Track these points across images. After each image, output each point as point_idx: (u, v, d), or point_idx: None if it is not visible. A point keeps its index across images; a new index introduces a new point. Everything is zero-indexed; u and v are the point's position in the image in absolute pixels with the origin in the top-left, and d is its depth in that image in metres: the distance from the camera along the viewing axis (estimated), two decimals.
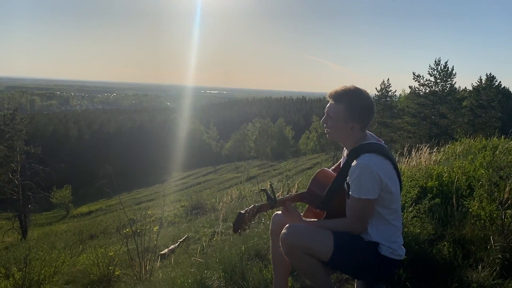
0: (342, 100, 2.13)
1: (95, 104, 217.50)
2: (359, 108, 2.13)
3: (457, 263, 2.71)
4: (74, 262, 6.81)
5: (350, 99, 2.12)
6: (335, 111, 2.14)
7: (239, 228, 2.17)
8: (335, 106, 2.14)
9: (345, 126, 2.14)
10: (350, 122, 2.13)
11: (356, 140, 2.17)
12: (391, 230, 2.14)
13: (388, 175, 2.08)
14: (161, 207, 16.52)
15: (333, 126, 2.17)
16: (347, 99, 2.12)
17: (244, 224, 2.18)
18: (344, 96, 2.13)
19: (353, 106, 2.11)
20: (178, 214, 13.06)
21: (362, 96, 2.14)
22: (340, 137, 2.22)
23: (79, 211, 39.39)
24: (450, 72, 37.18)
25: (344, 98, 2.12)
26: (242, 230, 2.19)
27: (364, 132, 2.19)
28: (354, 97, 2.13)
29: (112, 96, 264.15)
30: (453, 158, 6.22)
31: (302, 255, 2.06)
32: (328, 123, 2.18)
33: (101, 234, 14.28)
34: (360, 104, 2.13)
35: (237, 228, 2.16)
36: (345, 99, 2.12)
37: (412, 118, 38.30)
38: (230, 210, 9.51)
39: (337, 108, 2.13)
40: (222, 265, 3.05)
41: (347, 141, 2.21)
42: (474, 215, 3.03)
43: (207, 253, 4.86)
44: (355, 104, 2.12)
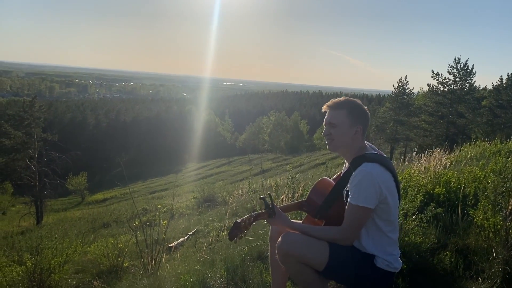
0: (342, 107, 2.19)
1: (112, 93, 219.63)
2: (358, 111, 2.20)
3: (458, 273, 2.69)
4: (85, 251, 6.94)
5: (350, 104, 2.20)
6: (338, 118, 2.18)
7: (235, 237, 2.20)
8: (337, 113, 2.19)
9: (350, 131, 2.17)
10: (354, 126, 2.17)
11: (357, 148, 2.20)
12: (388, 242, 2.15)
13: (388, 187, 2.08)
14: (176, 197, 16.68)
15: (338, 133, 2.19)
16: (347, 105, 2.19)
17: (240, 232, 2.21)
18: (343, 103, 2.20)
19: (353, 109, 2.19)
20: (189, 205, 13.15)
21: (356, 101, 2.23)
22: (344, 145, 2.22)
23: (94, 198, 39.98)
24: (469, 71, 36.53)
25: (344, 105, 2.19)
26: (238, 239, 2.22)
27: (363, 140, 2.23)
28: (351, 102, 2.21)
29: (129, 85, 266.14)
30: (465, 162, 6.14)
31: (297, 264, 2.07)
32: (332, 132, 2.20)
33: (113, 223, 14.47)
34: (359, 108, 2.21)
35: (232, 236, 2.19)
36: (344, 105, 2.19)
37: (429, 117, 37.80)
38: (240, 205, 9.55)
39: (339, 114, 2.18)
40: (225, 265, 3.09)
41: (350, 149, 2.22)
42: (479, 225, 3.01)
43: (214, 249, 4.90)
44: (355, 108, 2.20)
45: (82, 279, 5.64)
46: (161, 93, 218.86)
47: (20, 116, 28.68)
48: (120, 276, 5.36)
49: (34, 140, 27.45)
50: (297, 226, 2.23)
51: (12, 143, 27.55)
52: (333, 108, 2.21)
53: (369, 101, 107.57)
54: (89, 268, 6.06)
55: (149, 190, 38.93)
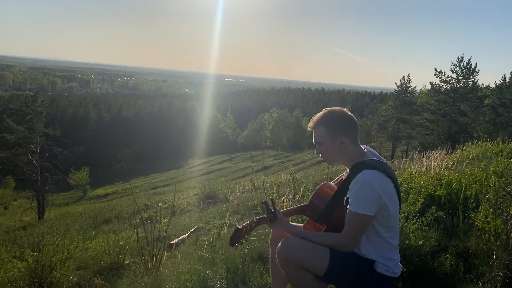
0: (320, 123, 2.19)
1: (115, 88, 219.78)
2: (336, 123, 2.18)
3: (458, 277, 2.69)
4: (86, 247, 6.95)
5: (325, 118, 2.19)
6: (319, 135, 2.19)
7: (236, 242, 2.20)
8: (317, 131, 2.20)
9: (333, 144, 2.18)
10: (336, 138, 2.16)
11: (353, 156, 2.19)
12: (388, 248, 2.14)
13: (388, 194, 2.07)
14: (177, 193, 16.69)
15: (325, 150, 2.21)
16: (323, 120, 2.19)
17: (242, 238, 2.21)
18: (320, 119, 2.20)
19: (330, 123, 2.17)
20: (191, 202, 13.17)
21: (334, 111, 2.20)
22: (337, 158, 2.24)
23: (96, 193, 40.13)
24: (473, 70, 36.42)
25: (321, 121, 2.19)
26: (239, 244, 2.23)
27: (357, 145, 2.21)
28: (328, 115, 2.19)
29: (132, 80, 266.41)
30: (466, 163, 6.13)
31: (297, 268, 2.08)
32: (321, 150, 2.23)
33: (115, 219, 14.48)
34: (335, 117, 2.19)
35: (234, 242, 2.20)
36: (321, 121, 2.19)
37: (432, 115, 37.71)
38: (241, 202, 9.56)
39: (319, 131, 2.19)
40: (226, 265, 3.09)
41: (344, 159, 2.22)
42: (480, 228, 3.00)
43: (215, 247, 4.91)
44: (331, 120, 2.18)
45: (83, 276, 5.66)
46: (163, 88, 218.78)
47: (23, 110, 28.76)
48: (121, 273, 5.37)
49: (36, 135, 27.54)
50: (298, 232, 2.23)
51: (14, 138, 27.66)
52: (314, 127, 2.22)
53: (372, 99, 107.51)
54: (90, 265, 6.08)
55: (150, 185, 39.05)
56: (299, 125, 67.05)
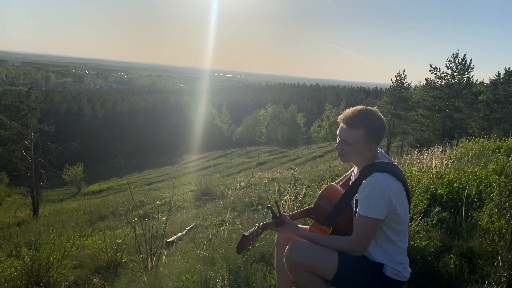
0: (358, 125, 2.08)
1: (109, 83, 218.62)
2: (376, 130, 2.09)
3: (463, 278, 2.67)
4: (82, 245, 6.89)
5: (366, 122, 2.07)
6: (352, 138, 2.09)
7: (243, 249, 2.16)
8: (352, 133, 2.09)
9: (363, 149, 2.11)
10: (369, 145, 2.10)
11: (369, 159, 2.15)
12: (397, 251, 2.12)
13: (398, 197, 2.04)
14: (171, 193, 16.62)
15: (351, 151, 2.13)
16: (364, 124, 2.07)
17: (248, 245, 2.17)
18: (360, 121, 2.08)
19: (370, 129, 2.08)
20: (187, 199, 13.12)
21: (376, 117, 2.10)
22: (355, 159, 2.18)
23: (90, 189, 39.94)
24: (467, 66, 36.45)
25: (361, 123, 2.07)
26: (246, 251, 2.19)
27: (376, 150, 2.17)
28: (370, 119, 2.09)
29: (126, 75, 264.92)
30: (466, 160, 6.12)
31: (305, 273, 2.04)
32: (345, 149, 2.14)
33: (110, 215, 14.41)
34: (377, 125, 2.10)
35: (240, 249, 2.16)
36: (361, 124, 2.07)
37: (427, 111, 37.76)
38: (238, 199, 9.52)
39: (354, 134, 2.08)
40: (227, 265, 3.05)
41: (360, 161, 2.18)
42: (483, 228, 2.99)
43: (214, 245, 4.88)
44: (372, 126, 2.08)
45: (81, 274, 5.60)
46: (158, 84, 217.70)
47: (16, 106, 28.48)
48: (119, 272, 5.33)
49: (30, 130, 27.31)
50: (306, 235, 2.19)
51: (8, 134, 27.38)
52: (349, 125, 2.10)
53: (366, 94, 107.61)
54: (87, 263, 6.03)
55: (145, 181, 38.89)
56: (294, 120, 67.00)
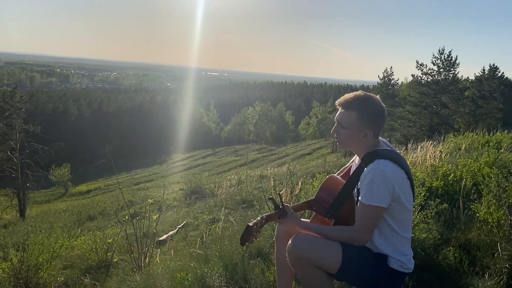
0: (353, 108, 2.04)
1: (95, 83, 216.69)
2: (371, 114, 2.04)
3: (463, 270, 2.65)
4: (72, 245, 6.77)
5: (362, 105, 2.04)
6: (347, 120, 2.05)
7: (247, 241, 2.10)
8: (346, 114, 2.06)
9: (358, 134, 2.06)
10: (363, 130, 2.04)
11: (369, 147, 2.09)
12: (401, 242, 2.08)
13: (401, 185, 1.99)
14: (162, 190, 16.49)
15: (346, 135, 2.08)
16: (358, 106, 2.03)
17: (252, 236, 2.11)
18: (355, 103, 2.04)
19: (365, 112, 2.03)
20: (177, 198, 13.02)
21: (373, 101, 2.06)
22: (353, 145, 2.14)
23: (78, 189, 39.50)
24: (453, 62, 36.82)
25: (355, 105, 2.04)
26: (249, 243, 2.12)
27: (377, 138, 2.12)
28: (366, 103, 2.04)
29: (112, 75, 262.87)
30: (457, 154, 6.15)
31: (309, 267, 1.99)
32: (340, 132, 2.10)
33: (99, 215, 14.24)
34: (372, 110, 2.05)
35: (244, 241, 2.09)
36: (356, 106, 2.04)
37: (414, 107, 38.06)
38: (229, 197, 9.46)
39: (348, 116, 2.05)
40: (223, 262, 2.99)
41: (360, 148, 2.13)
42: (481, 219, 2.97)
43: (207, 243, 4.82)
44: (367, 110, 2.04)
45: (71, 275, 5.50)
46: (145, 83, 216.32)
47: (1, 106, 28.06)
48: (110, 272, 5.24)
49: (15, 131, 26.91)
50: (309, 226, 2.14)
51: None
52: (344, 107, 2.07)
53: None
54: (77, 264, 5.92)
55: (133, 181, 38.59)
56: (283, 118, 67.10)
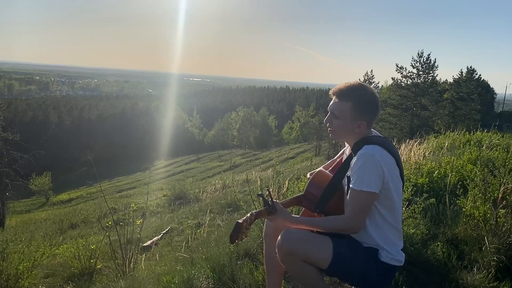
0: (348, 98, 2.01)
1: (75, 90, 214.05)
2: (366, 105, 2.02)
3: (452, 264, 2.66)
4: (53, 254, 6.62)
5: (356, 96, 2.01)
6: (341, 110, 2.02)
7: (237, 239, 2.04)
8: (340, 105, 2.02)
9: (351, 125, 2.03)
10: (357, 120, 2.02)
11: (362, 137, 2.07)
12: (392, 232, 2.05)
13: (390, 169, 1.97)
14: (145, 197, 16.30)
15: (339, 125, 2.05)
16: (353, 96, 2.00)
17: (242, 234, 2.06)
18: (350, 93, 2.01)
19: (360, 103, 2.01)
20: (160, 204, 12.91)
21: (368, 92, 2.03)
22: (345, 136, 2.11)
23: (59, 198, 38.80)
24: (432, 65, 37.53)
25: (350, 96, 2.01)
26: (239, 240, 2.07)
27: (370, 129, 2.09)
28: (360, 93, 2.02)
29: (93, 82, 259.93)
30: (440, 152, 6.22)
31: (299, 262, 1.96)
32: (333, 122, 2.07)
33: (82, 223, 13.99)
34: (367, 100, 2.02)
35: (234, 239, 2.03)
36: (351, 96, 2.01)
37: (394, 110, 38.58)
38: (214, 201, 9.40)
39: (343, 107, 2.02)
40: (210, 264, 2.94)
41: (352, 139, 2.10)
42: (467, 214, 2.99)
43: (192, 247, 4.76)
44: (362, 101, 2.01)
45: (53, 283, 5.37)
46: (126, 89, 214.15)
47: None
48: (94, 279, 5.13)
49: None
50: (300, 220, 2.10)
51: None
52: (338, 97, 2.04)
53: None
54: (59, 272, 5.78)
55: (116, 189, 38.09)
56: (266, 123, 67.30)
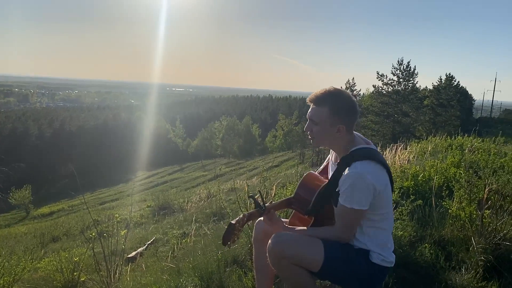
0: (324, 103, 2.01)
1: (56, 102, 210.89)
2: (343, 109, 2.02)
3: (440, 265, 2.67)
4: (35, 267, 6.45)
5: (333, 100, 2.01)
6: (319, 116, 2.02)
7: (229, 240, 2.01)
8: (318, 110, 2.03)
9: (331, 130, 2.03)
10: (336, 125, 2.02)
11: (345, 144, 2.07)
12: (382, 234, 2.06)
13: (381, 182, 1.98)
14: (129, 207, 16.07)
15: (319, 132, 2.05)
16: (330, 101, 2.01)
17: (234, 236, 2.03)
18: (326, 99, 2.02)
19: (336, 107, 2.01)
20: (144, 215, 12.71)
21: (344, 96, 2.04)
22: (327, 142, 2.11)
23: (40, 212, 37.98)
24: (412, 72, 38.15)
25: (326, 101, 2.01)
26: (231, 242, 2.04)
27: (351, 134, 2.09)
28: (336, 98, 2.03)
29: (74, 93, 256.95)
30: (423, 157, 6.30)
31: (290, 266, 1.94)
32: (313, 129, 2.07)
33: (64, 236, 13.69)
34: (344, 104, 2.03)
35: (227, 240, 2.00)
36: (327, 101, 2.01)
37: (376, 117, 39.04)
38: (199, 211, 9.33)
39: (320, 112, 2.02)
40: (198, 272, 2.89)
41: (335, 145, 2.11)
42: (453, 215, 3.02)
43: (178, 256, 4.70)
44: (338, 105, 2.02)
45: None
46: (108, 100, 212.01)
47: None
48: None
49: None
50: (290, 229, 2.11)
51: None
52: (315, 103, 2.04)
53: None
54: (41, 286, 5.62)
55: (98, 201, 37.50)
56: (249, 132, 67.30)
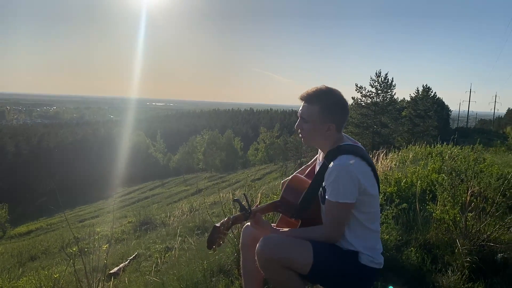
0: (315, 101, 2.03)
1: (33, 119, 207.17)
2: (333, 107, 2.04)
3: (426, 268, 2.69)
4: (13, 287, 6.25)
5: (324, 99, 2.03)
6: (309, 113, 2.04)
7: (214, 244, 1.98)
8: (309, 108, 2.04)
9: (321, 128, 2.05)
10: (326, 123, 2.03)
11: (333, 142, 2.08)
12: (370, 235, 2.06)
13: (367, 177, 1.99)
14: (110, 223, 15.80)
15: (309, 129, 2.07)
16: (321, 99, 2.03)
17: (219, 239, 2.00)
18: (317, 97, 2.04)
19: (327, 105, 2.03)
20: (125, 230, 12.51)
21: (335, 94, 2.06)
22: (316, 141, 2.12)
23: (17, 231, 36.99)
24: (390, 84, 38.85)
25: (318, 99, 2.03)
26: (217, 246, 2.00)
27: (340, 133, 2.11)
28: (328, 96, 2.05)
29: (52, 109, 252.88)
30: (404, 165, 6.38)
31: (280, 269, 1.92)
32: (303, 127, 2.08)
33: (42, 254, 13.36)
34: (334, 102, 2.05)
35: (211, 243, 1.97)
36: (318, 99, 2.03)
37: (356, 128, 39.53)
38: (181, 225, 9.23)
39: (311, 110, 2.03)
40: (183, 284, 2.84)
41: (324, 144, 2.11)
42: (438, 219, 3.05)
43: (162, 270, 4.61)
44: (329, 103, 2.03)
45: None
46: (87, 116, 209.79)
47: None
48: None
49: None
50: (278, 232, 2.09)
51: None
52: (307, 101, 2.06)
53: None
54: None
55: (78, 218, 36.74)
56: (231, 145, 67.23)
